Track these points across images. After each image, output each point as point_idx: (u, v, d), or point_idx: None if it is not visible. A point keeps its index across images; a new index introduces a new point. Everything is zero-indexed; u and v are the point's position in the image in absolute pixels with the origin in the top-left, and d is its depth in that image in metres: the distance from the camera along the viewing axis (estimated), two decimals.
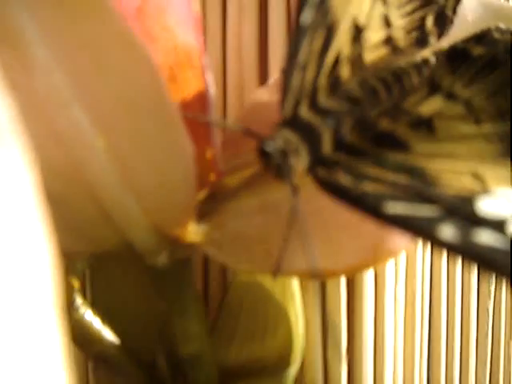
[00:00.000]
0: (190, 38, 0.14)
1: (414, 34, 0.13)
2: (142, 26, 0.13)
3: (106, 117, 0.11)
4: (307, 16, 0.11)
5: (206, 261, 0.17)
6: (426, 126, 0.12)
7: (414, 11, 0.13)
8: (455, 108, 0.12)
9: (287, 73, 0.12)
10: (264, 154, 0.11)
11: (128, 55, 0.11)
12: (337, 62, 0.12)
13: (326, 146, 0.12)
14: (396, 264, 0.17)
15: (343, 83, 0.12)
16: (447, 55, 0.13)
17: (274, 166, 0.11)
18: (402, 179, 0.10)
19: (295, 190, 0.12)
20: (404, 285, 0.17)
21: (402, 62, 0.13)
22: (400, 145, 0.11)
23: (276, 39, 0.17)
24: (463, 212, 0.10)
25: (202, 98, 0.15)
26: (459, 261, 0.17)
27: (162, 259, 0.14)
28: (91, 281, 0.16)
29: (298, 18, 0.12)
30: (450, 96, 0.12)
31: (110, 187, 0.12)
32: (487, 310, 0.17)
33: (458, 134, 0.11)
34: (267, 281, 0.16)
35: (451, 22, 0.14)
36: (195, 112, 0.15)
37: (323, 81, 0.12)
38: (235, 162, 0.16)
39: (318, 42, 0.12)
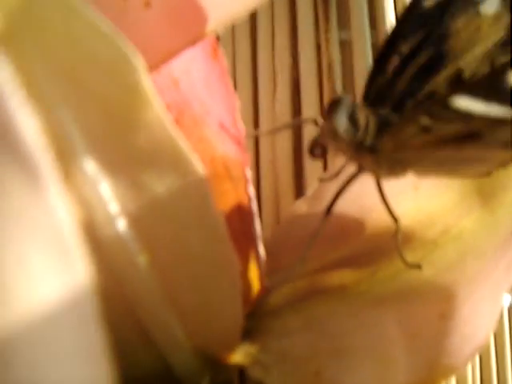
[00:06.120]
0: (228, 148, 0.14)
1: None
2: None
3: (150, 228, 0.10)
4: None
5: None
6: None
7: None
8: None
9: (385, 52, 0.12)
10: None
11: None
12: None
13: None
14: None
15: None
16: None
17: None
18: None
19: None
20: None
21: None
22: None
23: None
24: None
25: (241, 212, 0.14)
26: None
27: None
28: None
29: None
30: None
31: (151, 305, 0.11)
32: None
33: None
34: None
35: None
36: (235, 226, 0.14)
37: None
38: (276, 277, 0.15)
39: (425, 54, 0.12)
